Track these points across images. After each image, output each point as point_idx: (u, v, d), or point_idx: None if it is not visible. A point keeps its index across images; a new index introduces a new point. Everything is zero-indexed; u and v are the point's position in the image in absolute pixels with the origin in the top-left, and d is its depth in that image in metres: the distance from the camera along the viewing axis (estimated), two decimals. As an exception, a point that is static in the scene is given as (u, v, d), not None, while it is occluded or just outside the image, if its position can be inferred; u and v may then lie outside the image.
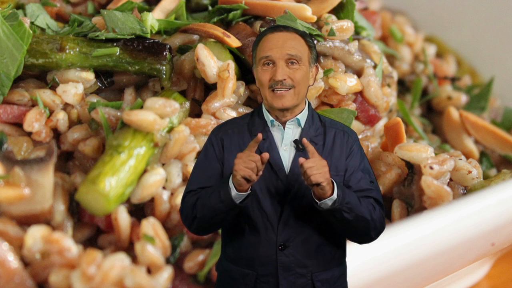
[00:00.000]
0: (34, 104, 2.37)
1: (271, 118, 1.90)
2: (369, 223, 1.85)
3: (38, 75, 2.44)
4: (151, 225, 2.18)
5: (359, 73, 2.56)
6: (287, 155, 1.88)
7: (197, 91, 2.43)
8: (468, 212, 2.14)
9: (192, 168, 1.99)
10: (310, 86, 1.93)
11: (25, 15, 2.53)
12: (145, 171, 2.25)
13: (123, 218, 2.21)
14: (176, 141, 2.27)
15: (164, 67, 2.36)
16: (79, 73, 2.37)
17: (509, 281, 3.09)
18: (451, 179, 2.41)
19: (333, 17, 2.52)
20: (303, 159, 1.79)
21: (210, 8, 2.62)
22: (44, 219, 2.18)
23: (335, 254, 1.92)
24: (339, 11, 2.58)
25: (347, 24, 2.50)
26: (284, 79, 1.85)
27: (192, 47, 2.45)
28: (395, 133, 2.50)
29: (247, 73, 2.43)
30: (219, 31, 2.42)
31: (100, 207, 2.17)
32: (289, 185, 1.87)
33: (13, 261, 2.03)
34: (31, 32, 2.35)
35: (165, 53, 2.36)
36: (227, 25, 2.55)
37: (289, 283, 1.86)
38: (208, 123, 2.32)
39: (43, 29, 2.54)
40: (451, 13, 3.73)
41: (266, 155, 1.79)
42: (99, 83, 2.42)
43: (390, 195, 2.46)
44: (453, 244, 2.14)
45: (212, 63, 2.34)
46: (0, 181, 2.10)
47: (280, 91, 1.85)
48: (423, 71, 3.28)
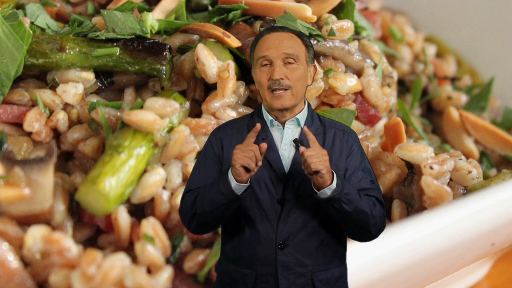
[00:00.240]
0: (34, 104, 2.37)
1: (271, 118, 1.91)
2: (369, 217, 1.85)
3: (38, 75, 2.44)
4: (151, 225, 2.18)
5: (359, 73, 2.56)
6: (287, 154, 1.89)
7: (197, 91, 2.43)
8: (468, 212, 2.13)
9: (192, 168, 1.99)
10: (308, 86, 1.94)
11: (25, 15, 2.53)
12: (145, 171, 2.25)
13: (123, 218, 2.21)
14: (176, 141, 2.27)
15: (164, 67, 2.36)
16: (79, 73, 2.37)
17: (509, 281, 3.09)
18: (451, 179, 2.41)
19: (333, 17, 2.52)
20: (303, 148, 1.79)
21: (210, 8, 2.62)
22: (44, 219, 2.18)
23: (335, 254, 1.91)
24: (339, 11, 2.58)
25: (347, 24, 2.50)
26: (281, 78, 1.85)
27: (192, 47, 2.45)
28: (395, 133, 2.50)
29: (247, 73, 2.42)
30: (219, 31, 2.42)
31: (100, 207, 2.17)
32: (288, 184, 1.87)
33: (13, 261, 2.02)
34: (31, 32, 2.35)
35: (165, 53, 2.36)
36: (227, 25, 2.55)
37: (288, 282, 1.86)
38: (208, 123, 2.32)
39: (43, 29, 2.54)
40: (451, 13, 3.72)
41: (264, 145, 1.80)
42: (99, 83, 2.42)
43: (390, 195, 2.46)
44: (453, 244, 2.13)
45: (212, 63, 2.34)
46: (0, 181, 2.10)
47: (278, 92, 1.86)
48: (423, 71, 3.28)
